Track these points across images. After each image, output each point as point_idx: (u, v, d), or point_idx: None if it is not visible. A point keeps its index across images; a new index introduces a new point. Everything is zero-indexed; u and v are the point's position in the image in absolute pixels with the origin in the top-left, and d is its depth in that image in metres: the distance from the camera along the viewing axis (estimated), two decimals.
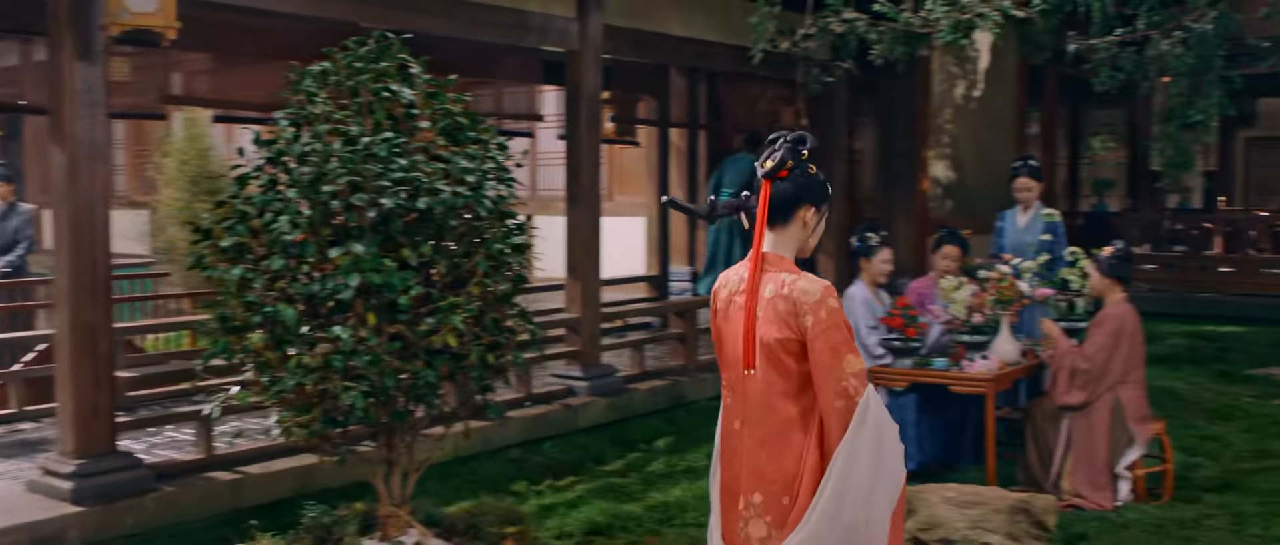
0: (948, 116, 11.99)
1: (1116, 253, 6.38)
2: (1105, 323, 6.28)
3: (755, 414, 3.11)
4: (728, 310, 3.21)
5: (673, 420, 8.26)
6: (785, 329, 3.03)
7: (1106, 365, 6.19)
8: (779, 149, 3.14)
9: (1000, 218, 7.98)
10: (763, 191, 3.11)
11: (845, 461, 2.97)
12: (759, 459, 3.10)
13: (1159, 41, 9.83)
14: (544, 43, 8.07)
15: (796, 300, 3.02)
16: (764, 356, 3.07)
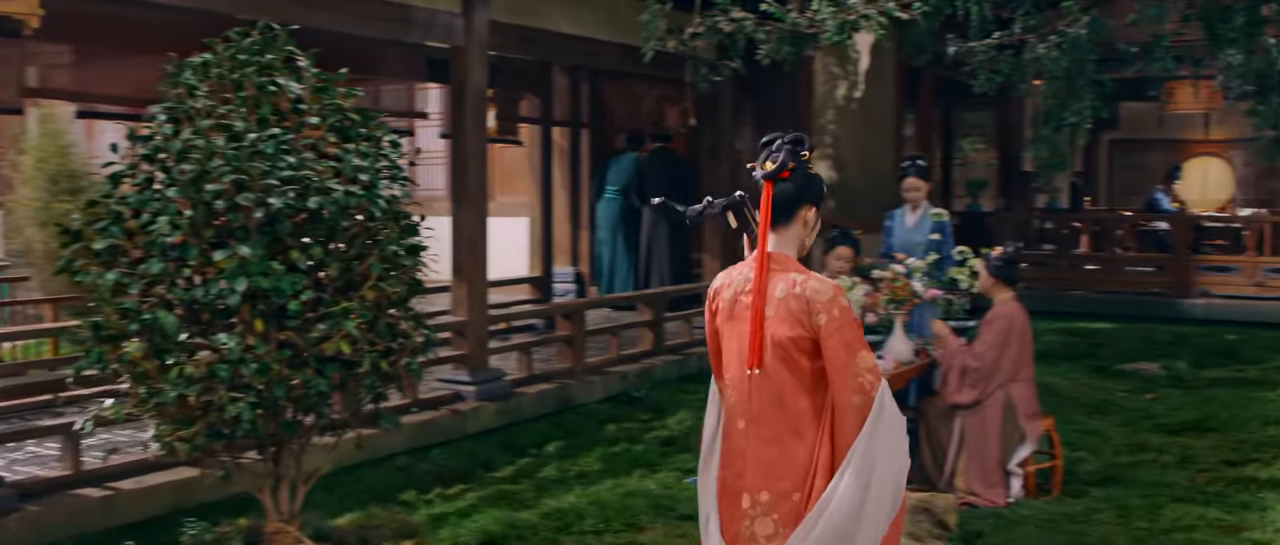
0: (830, 117, 12.10)
1: (1004, 253, 6.47)
2: (995, 322, 6.36)
3: (763, 412, 3.13)
4: (732, 310, 3.22)
5: (562, 424, 8.12)
6: (799, 327, 3.07)
7: (996, 364, 6.26)
8: (778, 151, 3.17)
9: (889, 217, 8.03)
10: (764, 193, 3.14)
11: (863, 454, 3.00)
12: (767, 457, 3.13)
13: (1035, 45, 10.05)
14: (428, 38, 7.85)
15: (810, 299, 3.06)
16: (775, 355, 3.10)
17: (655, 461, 7.19)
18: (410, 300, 4.37)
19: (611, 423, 8.25)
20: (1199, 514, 5.85)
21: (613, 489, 6.51)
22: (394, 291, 4.28)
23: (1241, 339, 11.52)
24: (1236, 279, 13.08)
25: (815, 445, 3.09)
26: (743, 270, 3.25)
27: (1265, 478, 6.49)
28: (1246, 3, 10.17)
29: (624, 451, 7.44)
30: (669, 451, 7.47)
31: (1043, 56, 9.97)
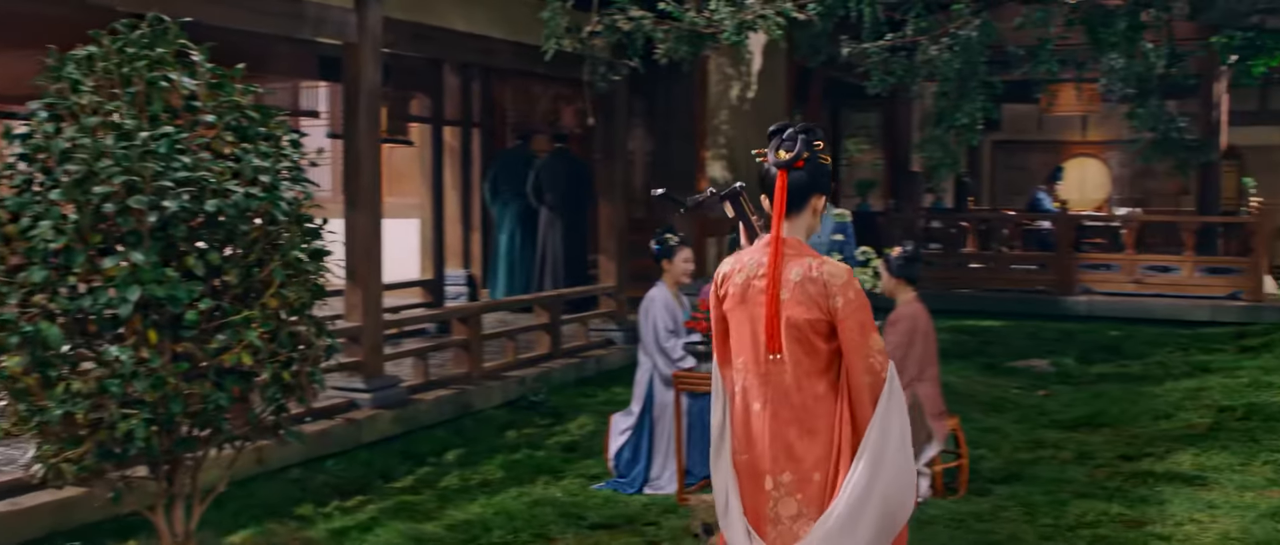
0: (723, 118, 12.08)
1: (905, 253, 6.47)
2: (899, 322, 6.36)
3: (782, 394, 3.20)
4: (745, 294, 3.27)
5: (461, 431, 7.92)
6: (816, 310, 3.15)
7: (902, 364, 6.24)
8: (791, 141, 3.27)
9: None
10: (779, 181, 3.22)
11: (880, 432, 3.10)
12: (787, 438, 3.20)
13: (927, 47, 10.17)
14: (320, 34, 7.57)
15: (826, 282, 3.16)
16: (791, 338, 3.17)
17: (559, 468, 7.04)
18: (313, 307, 4.15)
19: (511, 429, 8.08)
20: (1102, 510, 5.93)
21: (518, 498, 6.34)
22: (296, 298, 4.06)
23: (1125, 335, 11.83)
24: (1116, 276, 13.45)
25: (835, 425, 3.18)
26: (754, 255, 3.30)
27: (1161, 472, 6.62)
28: (1127, 8, 10.45)
29: (526, 458, 7.27)
30: (572, 457, 7.33)
31: (935, 58, 10.09)
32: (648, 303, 6.54)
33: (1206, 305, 12.84)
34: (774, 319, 3.17)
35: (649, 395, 6.61)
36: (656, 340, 6.46)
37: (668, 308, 6.55)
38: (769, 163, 3.30)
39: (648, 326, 6.50)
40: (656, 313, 6.49)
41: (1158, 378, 9.61)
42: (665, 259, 6.60)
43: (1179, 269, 13.24)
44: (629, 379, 9.74)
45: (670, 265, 6.60)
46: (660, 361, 6.47)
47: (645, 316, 6.55)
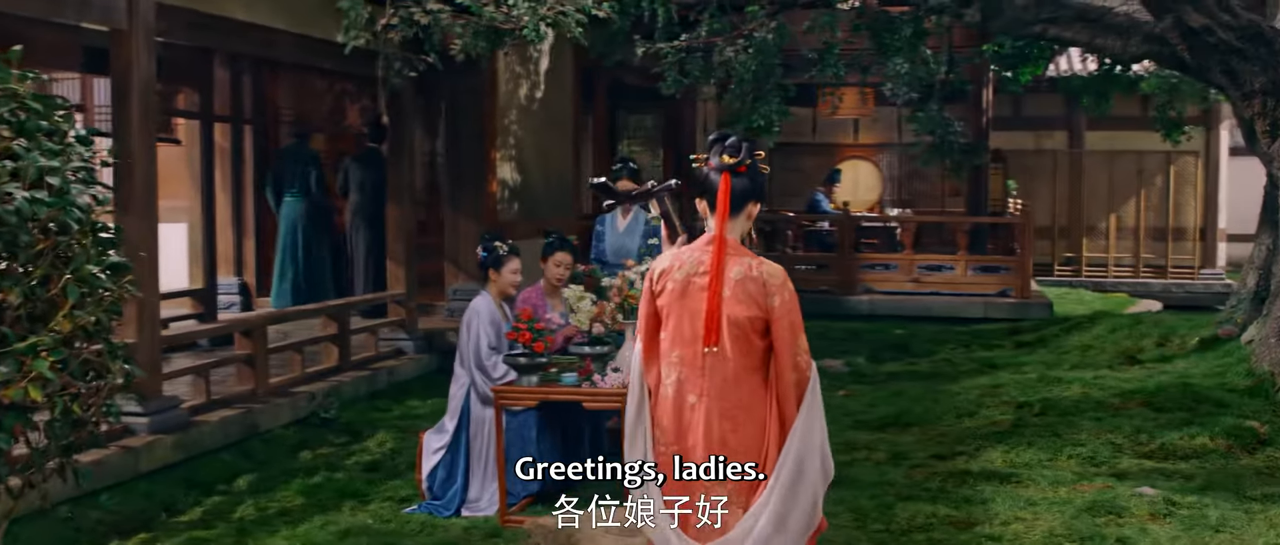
0: (513, 117, 11.72)
1: None
2: None
3: (719, 388, 3.38)
4: (684, 290, 3.42)
5: (249, 454, 7.30)
6: (755, 307, 3.35)
7: None
8: (735, 147, 3.42)
9: (599, 221, 7.75)
10: (723, 184, 3.38)
11: (804, 430, 3.35)
12: (721, 430, 3.38)
13: (724, 48, 10.12)
14: (84, 19, 6.80)
15: (765, 281, 3.37)
16: (731, 334, 3.35)
17: (363, 491, 6.55)
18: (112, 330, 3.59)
19: (305, 449, 7.51)
20: (930, 512, 5.90)
21: (325, 527, 5.84)
22: (90, 320, 3.49)
23: (909, 333, 12.15)
24: (896, 276, 13.83)
25: (765, 420, 3.37)
26: (694, 253, 3.45)
27: (977, 471, 6.69)
28: (911, 15, 10.70)
29: (326, 482, 6.74)
30: (376, 479, 6.85)
31: (732, 59, 10.05)
32: (471, 315, 6.13)
33: (979, 302, 13.37)
34: (714, 314, 3.33)
35: (464, 411, 6.21)
36: (478, 356, 6.06)
37: (494, 322, 6.16)
38: (711, 167, 3.44)
39: (470, 341, 6.09)
40: (481, 327, 6.09)
41: (950, 375, 9.86)
42: (492, 268, 6.20)
43: (954, 268, 13.74)
44: (423, 391, 9.32)
45: (496, 275, 6.20)
46: (479, 378, 6.08)
47: (468, 330, 6.14)
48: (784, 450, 3.35)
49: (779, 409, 3.38)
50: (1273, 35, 8.31)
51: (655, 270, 3.54)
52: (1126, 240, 18.76)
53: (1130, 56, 8.69)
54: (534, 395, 5.83)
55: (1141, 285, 18.01)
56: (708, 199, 3.46)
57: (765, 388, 3.40)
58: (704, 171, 3.49)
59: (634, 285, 6.13)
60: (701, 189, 3.50)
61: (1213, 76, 8.47)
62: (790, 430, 3.37)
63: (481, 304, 6.16)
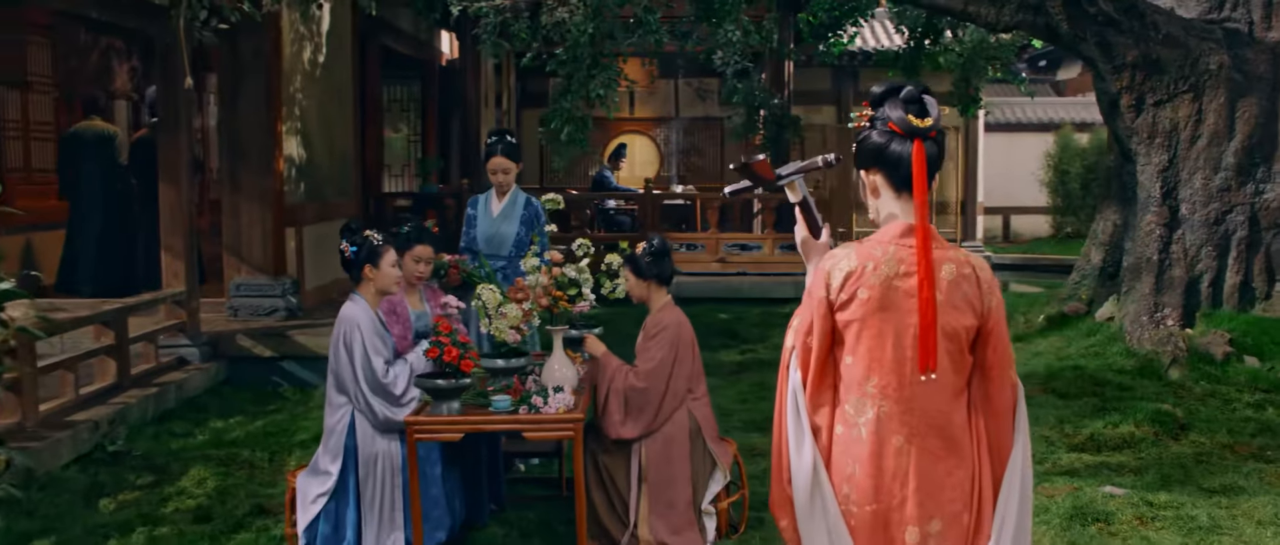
0: (298, 84, 10.21)
1: (651, 247, 5.30)
2: (658, 333, 5.20)
3: (930, 424, 2.65)
4: (887, 297, 2.63)
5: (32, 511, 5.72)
6: (972, 314, 2.66)
7: (667, 383, 5.13)
8: (919, 103, 2.63)
9: (471, 204, 6.58)
10: (918, 152, 2.60)
11: (1024, 461, 2.72)
12: (935, 477, 2.66)
13: (555, 8, 9.06)
14: None
15: (980, 278, 2.68)
16: (946, 350, 2.64)
17: None
18: None
19: (102, 495, 6.02)
20: None
21: None
22: None
23: (733, 317, 11.49)
24: (701, 256, 13.16)
25: (974, 455, 2.68)
26: (887, 248, 2.65)
27: None
28: None
29: (150, 543, 5.32)
30: (218, 533, 5.47)
31: (566, 21, 9.01)
32: (348, 327, 4.83)
33: (789, 282, 12.88)
34: (931, 327, 2.58)
35: (350, 448, 4.93)
36: (371, 377, 4.80)
37: (376, 331, 4.92)
38: (893, 129, 2.63)
39: (356, 359, 4.80)
40: (366, 339, 4.82)
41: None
42: (368, 264, 4.92)
43: (761, 247, 13.21)
44: (222, 409, 7.81)
45: (375, 272, 4.92)
46: (378, 404, 4.82)
47: (345, 345, 4.84)
48: (1004, 492, 2.68)
49: (990, 439, 2.69)
50: (1146, 9, 8.09)
51: (836, 271, 2.66)
52: None
53: (1003, 25, 8.30)
54: (460, 427, 4.65)
55: None
56: (888, 172, 2.66)
57: (967, 414, 2.69)
58: (876, 137, 2.68)
59: (580, 286, 5.09)
60: (873, 158, 2.69)
61: (1086, 48, 8.19)
62: (1009, 465, 2.69)
63: (359, 311, 4.87)
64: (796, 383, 2.72)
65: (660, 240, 5.39)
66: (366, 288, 4.98)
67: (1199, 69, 8.15)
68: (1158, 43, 8.05)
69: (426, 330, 5.25)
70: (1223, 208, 8.32)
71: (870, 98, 2.73)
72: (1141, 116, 8.34)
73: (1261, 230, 8.36)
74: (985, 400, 2.69)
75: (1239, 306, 8.30)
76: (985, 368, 2.68)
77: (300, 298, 9.81)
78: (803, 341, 2.72)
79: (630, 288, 5.29)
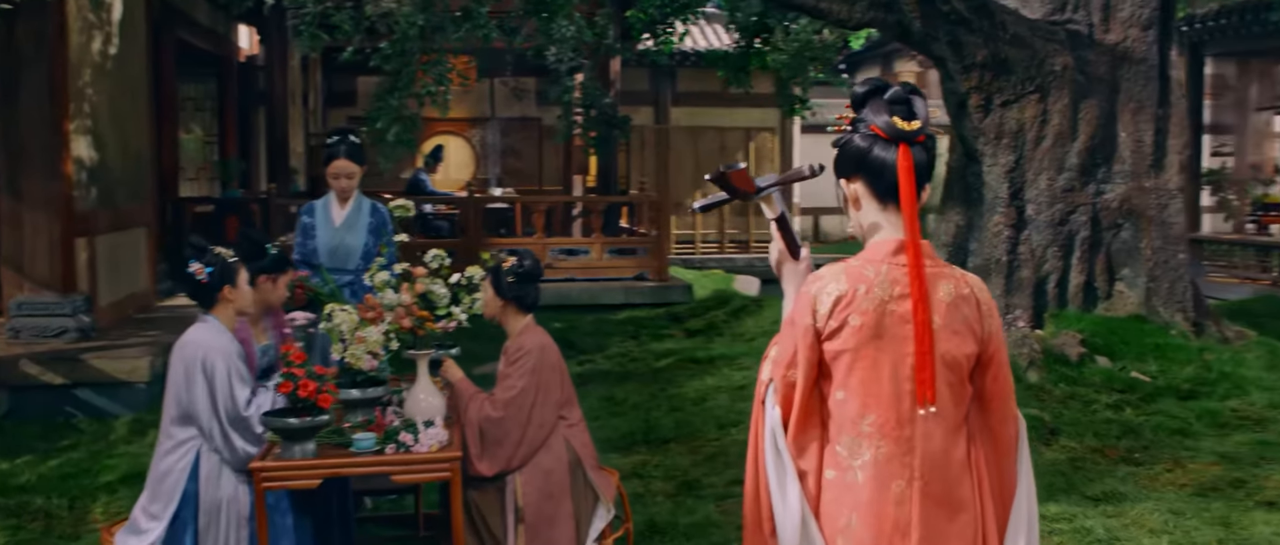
0: (87, 78, 9.18)
1: (519, 266, 4.75)
2: (519, 358, 4.65)
3: (932, 465, 2.38)
4: (881, 324, 2.36)
5: None
6: (972, 340, 2.42)
7: (530, 413, 4.60)
8: (906, 104, 2.39)
9: (307, 212, 5.89)
10: (903, 159, 2.35)
11: (1029, 496, 2.49)
12: (938, 523, 2.37)
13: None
14: None
15: (979, 299, 2.44)
16: (946, 381, 2.38)
17: None
18: None
19: None
20: None
21: None
22: None
23: (567, 325, 10.98)
24: None
25: (977, 499, 2.42)
26: (877, 268, 2.39)
27: None
28: None
29: None
30: None
31: (393, 11, 8.34)
32: (202, 355, 4.11)
33: (619, 287, 12.50)
34: (928, 356, 2.32)
35: (189, 493, 4.20)
36: (232, 410, 4.11)
37: (241, 357, 4.22)
38: (875, 133, 2.38)
39: (211, 389, 4.09)
40: (229, 367, 4.13)
41: (653, 374, 8.82)
42: (226, 285, 4.22)
43: (589, 251, 12.77)
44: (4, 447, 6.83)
45: (233, 293, 4.23)
46: (239, 440, 4.12)
47: (204, 373, 4.10)
48: (1010, 538, 2.44)
49: (993, 479, 2.44)
50: (996, 9, 8.01)
51: (819, 298, 2.37)
52: (712, 216, 18.83)
53: (855, 22, 8.08)
54: (318, 472, 4.01)
55: (727, 261, 18.12)
56: (871, 180, 2.41)
57: (967, 450, 2.43)
58: (858, 142, 2.41)
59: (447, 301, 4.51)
60: (855, 165, 2.42)
61: (937, 47, 8.05)
62: (1014, 507, 2.45)
63: (216, 336, 4.16)
64: (776, 421, 2.41)
65: (532, 260, 4.83)
66: (223, 310, 4.27)
67: (1045, 70, 8.13)
68: (1006, 43, 7.98)
69: (272, 366, 4.58)
70: (1067, 208, 8.33)
71: (852, 98, 2.47)
72: (989, 117, 8.26)
73: (1103, 230, 8.41)
74: (986, 435, 2.45)
75: (1083, 306, 8.32)
76: (986, 399, 2.44)
77: (94, 316, 8.81)
78: (783, 375, 2.41)
79: (485, 302, 4.73)
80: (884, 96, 2.40)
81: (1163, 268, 8.37)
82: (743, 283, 15.80)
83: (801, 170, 2.64)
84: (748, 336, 10.10)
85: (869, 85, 2.44)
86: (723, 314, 11.07)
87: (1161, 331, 8.08)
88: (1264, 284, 13.48)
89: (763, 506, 2.42)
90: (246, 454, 4.11)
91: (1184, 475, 6.14)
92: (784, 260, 2.62)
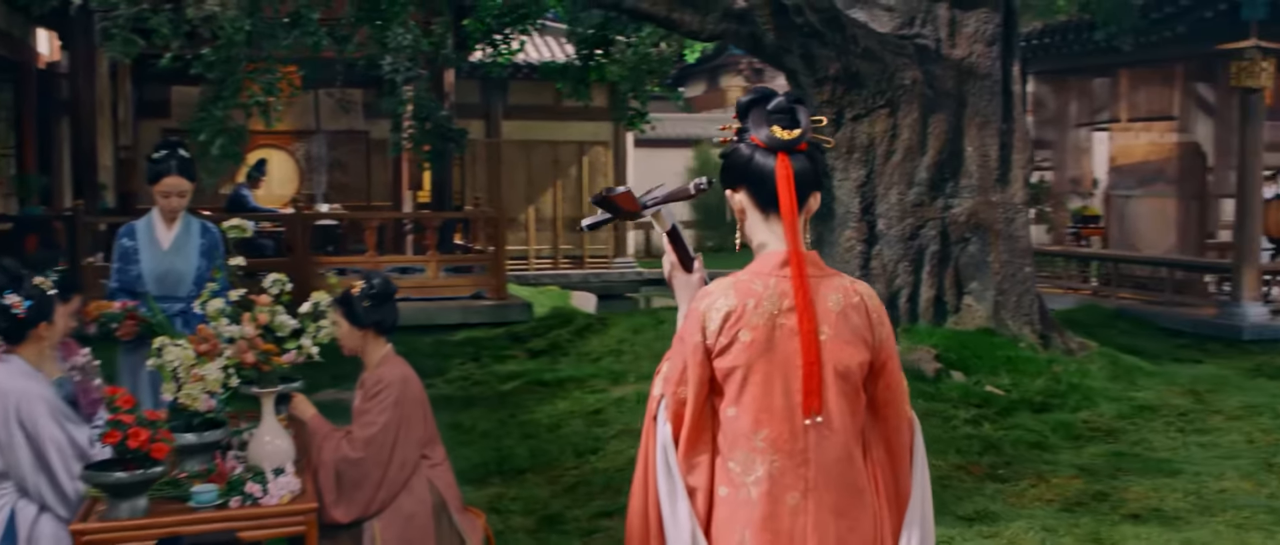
0: None
1: (371, 289, 4.35)
2: (379, 391, 4.25)
3: (827, 476, 2.36)
4: (772, 338, 2.34)
5: None
6: (865, 348, 2.41)
7: (392, 452, 4.20)
8: (787, 113, 2.36)
9: (126, 234, 5.31)
10: (782, 168, 2.34)
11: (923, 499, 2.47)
12: (837, 533, 2.36)
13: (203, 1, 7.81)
14: None
15: (869, 307, 2.43)
16: (839, 392, 2.37)
17: None
18: None
19: None
20: None
21: None
22: None
23: (406, 348, 10.42)
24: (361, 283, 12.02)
25: (874, 504, 2.44)
26: (766, 281, 2.39)
27: None
28: None
29: None
30: None
31: (218, 16, 7.75)
32: (16, 403, 3.56)
33: (456, 307, 12.04)
34: (815, 366, 2.34)
35: None
36: (80, 452, 3.57)
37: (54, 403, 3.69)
38: (756, 143, 2.40)
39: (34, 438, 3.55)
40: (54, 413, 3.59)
41: (500, 399, 8.43)
42: (43, 320, 3.67)
43: (424, 270, 12.26)
44: None
45: (49, 329, 3.69)
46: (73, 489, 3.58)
47: (17, 429, 3.55)
48: (905, 535, 2.45)
49: (887, 484, 2.46)
50: (847, 22, 7.95)
51: (709, 315, 2.37)
52: (546, 231, 18.47)
53: (707, 34, 7.89)
54: (151, 532, 3.50)
55: (562, 276, 17.80)
56: (753, 189, 2.41)
57: (865, 458, 2.45)
58: (744, 152, 2.42)
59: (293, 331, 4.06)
60: (738, 175, 2.43)
61: (790, 60, 7.95)
62: (908, 510, 2.46)
63: (21, 381, 3.60)
64: (667, 437, 2.41)
65: (383, 280, 4.45)
66: (32, 348, 3.73)
67: (895, 84, 8.11)
68: (857, 56, 7.92)
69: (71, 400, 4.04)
70: (916, 222, 8.33)
71: (737, 107, 2.45)
72: (841, 131, 8.20)
73: (951, 244, 8.45)
74: (881, 441, 2.47)
75: (934, 320, 8.33)
76: (879, 405, 2.46)
77: None
78: (674, 391, 2.41)
79: (342, 337, 4.32)
80: (767, 106, 2.39)
81: (1010, 281, 8.45)
82: (580, 299, 15.54)
83: (686, 187, 2.61)
84: (594, 356, 9.79)
85: (753, 94, 2.43)
86: (566, 333, 10.74)
87: (1011, 344, 8.14)
88: (1085, 294, 13.94)
89: (651, 524, 2.41)
90: (68, 505, 3.59)
91: (1048, 490, 6.12)
92: (676, 272, 2.59)
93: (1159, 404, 7.73)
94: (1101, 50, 12.38)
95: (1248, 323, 11.49)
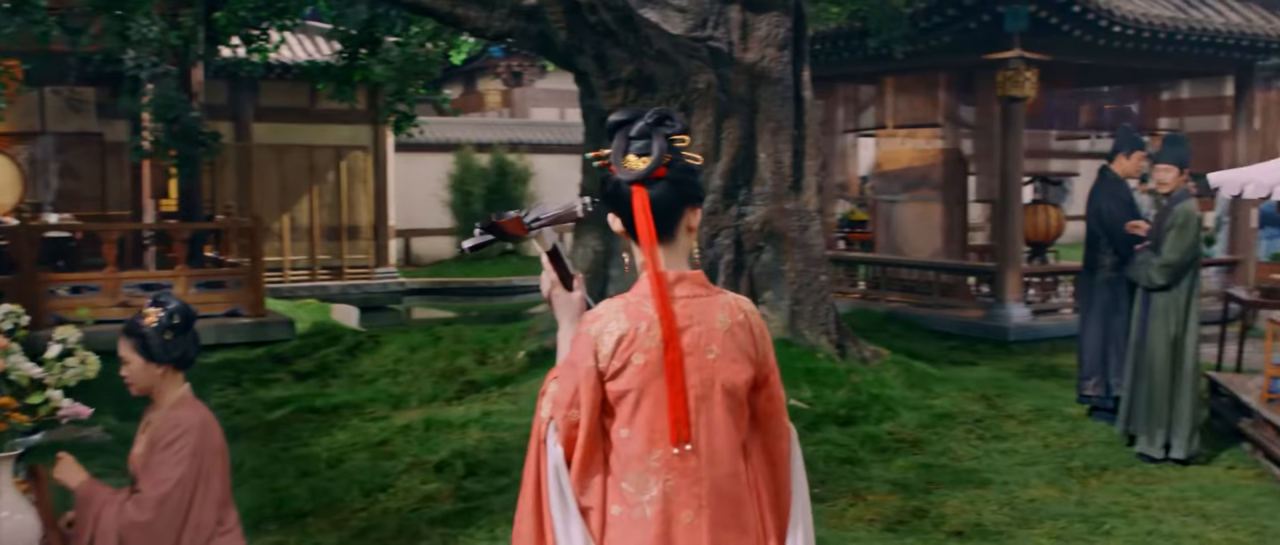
0: None
1: (170, 318, 3.64)
2: (175, 439, 3.55)
3: (718, 492, 2.42)
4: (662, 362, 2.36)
5: None
6: (750, 365, 2.48)
7: (187, 513, 3.54)
8: (643, 138, 2.37)
9: None
10: (639, 201, 2.35)
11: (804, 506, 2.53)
12: None
13: None
14: None
15: (753, 324, 2.50)
16: (727, 408, 2.44)
17: None
18: None
19: None
20: None
21: None
22: None
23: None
24: (100, 300, 10.85)
25: (757, 512, 2.47)
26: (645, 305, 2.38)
27: None
28: None
29: None
30: None
31: None
32: None
33: (211, 326, 11.02)
34: (680, 393, 2.36)
35: None
36: None
37: None
38: (617, 173, 2.37)
39: None
40: None
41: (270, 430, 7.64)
42: None
43: (172, 286, 11.17)
44: None
45: None
46: None
47: None
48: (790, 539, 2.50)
49: (769, 494, 2.50)
50: (641, 23, 7.59)
51: (601, 339, 2.37)
52: (302, 241, 17.39)
53: (494, 32, 7.36)
54: None
55: (320, 288, 16.77)
56: (624, 219, 2.41)
57: (749, 470, 2.50)
58: (611, 179, 2.42)
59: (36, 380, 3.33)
60: (610, 203, 2.44)
61: (582, 61, 7.53)
62: (791, 518, 2.50)
63: None
64: (559, 459, 2.38)
65: (181, 305, 3.71)
66: None
67: (689, 88, 7.81)
68: (651, 58, 7.58)
69: None
70: (711, 231, 8.06)
71: (607, 129, 2.43)
72: None
73: (745, 252, 8.23)
74: (761, 450, 2.52)
75: None
76: (761, 418, 2.50)
77: None
78: (565, 414, 2.38)
79: (133, 375, 3.59)
80: (630, 131, 2.36)
81: (806, 290, 8.30)
82: (341, 313, 14.67)
83: (573, 208, 2.53)
84: (368, 378, 9.08)
85: (620, 117, 2.41)
86: (335, 353, 9.98)
87: (810, 355, 7.98)
88: (855, 297, 14.14)
89: None
90: None
91: (867, 509, 5.93)
92: (556, 291, 2.54)
93: (955, 411, 7.74)
94: (870, 58, 12.55)
95: (1012, 324, 11.86)
